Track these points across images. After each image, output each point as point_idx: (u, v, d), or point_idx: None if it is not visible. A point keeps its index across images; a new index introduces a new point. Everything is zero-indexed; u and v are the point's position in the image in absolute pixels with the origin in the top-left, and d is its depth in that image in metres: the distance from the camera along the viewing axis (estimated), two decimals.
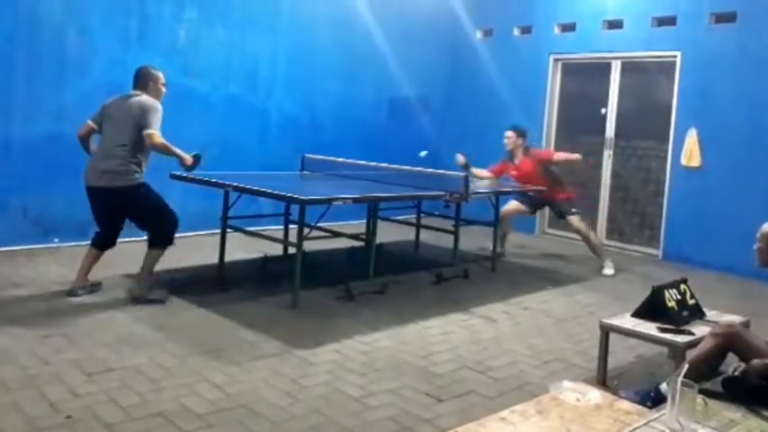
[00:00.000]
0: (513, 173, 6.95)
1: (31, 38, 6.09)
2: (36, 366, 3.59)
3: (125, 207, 4.82)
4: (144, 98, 4.77)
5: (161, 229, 4.88)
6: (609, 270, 6.70)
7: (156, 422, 3.06)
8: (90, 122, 4.95)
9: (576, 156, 6.94)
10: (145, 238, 5.02)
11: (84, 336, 4.08)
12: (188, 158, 4.88)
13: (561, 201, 6.87)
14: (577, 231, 6.83)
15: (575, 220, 6.79)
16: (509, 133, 6.91)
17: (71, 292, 4.83)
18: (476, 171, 6.96)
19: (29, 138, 6.14)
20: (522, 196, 7.03)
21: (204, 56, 7.26)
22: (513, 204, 7.10)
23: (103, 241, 4.96)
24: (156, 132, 4.67)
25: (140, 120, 4.66)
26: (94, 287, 4.96)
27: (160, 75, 4.94)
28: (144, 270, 4.87)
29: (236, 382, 3.55)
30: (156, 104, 4.76)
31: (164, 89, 4.97)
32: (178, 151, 4.82)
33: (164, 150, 4.74)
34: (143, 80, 4.90)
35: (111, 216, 4.88)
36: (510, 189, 6.85)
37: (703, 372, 3.06)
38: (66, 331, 4.14)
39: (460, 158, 6.93)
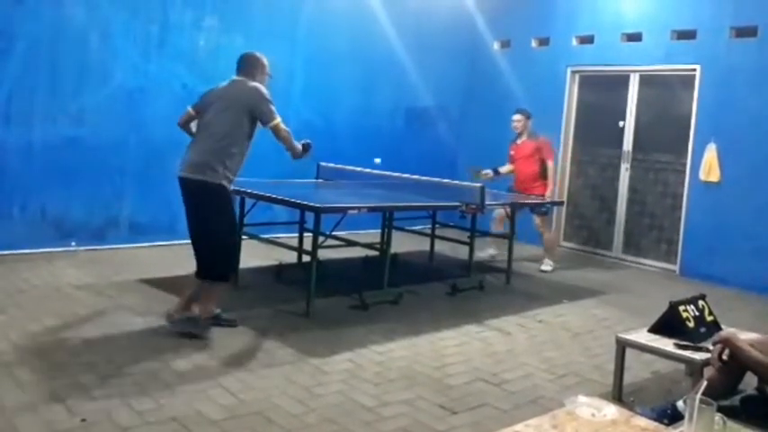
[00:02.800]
0: (512, 152, 7.22)
1: (53, 43, 6.16)
2: (52, 369, 3.61)
3: (201, 205, 4.28)
4: (256, 85, 4.35)
5: (218, 252, 4.28)
6: (546, 267, 7.09)
7: (171, 427, 3.07)
8: (190, 109, 4.50)
9: (551, 185, 7.12)
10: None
11: (100, 339, 4.10)
12: (299, 148, 4.58)
13: (535, 195, 6.98)
14: (536, 226, 7.12)
15: (537, 218, 7.06)
16: (518, 116, 7.23)
17: (170, 319, 4.34)
18: (501, 170, 7.25)
19: (49, 141, 6.21)
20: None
21: (223, 63, 7.28)
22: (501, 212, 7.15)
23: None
24: (280, 122, 4.35)
25: (255, 109, 4.27)
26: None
27: (267, 62, 4.57)
28: (203, 311, 4.34)
29: (250, 389, 3.55)
30: (269, 94, 4.37)
31: (268, 78, 4.61)
32: (296, 143, 4.52)
33: (288, 142, 4.42)
34: (250, 66, 4.46)
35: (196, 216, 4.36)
36: (524, 201, 6.81)
37: (722, 390, 3.02)
38: (82, 334, 4.17)
39: (482, 172, 7.10)
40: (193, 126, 4.51)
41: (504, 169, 7.31)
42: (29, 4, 6.00)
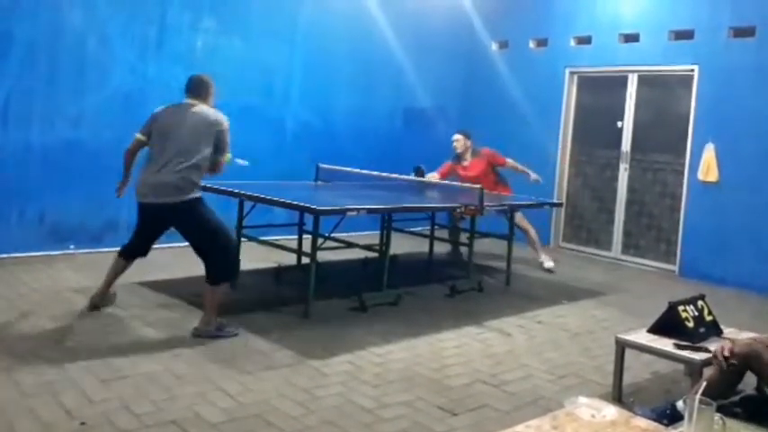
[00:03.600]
0: (461, 173, 7.13)
1: (51, 45, 6.16)
2: (52, 372, 3.61)
3: (181, 223, 4.41)
4: (217, 113, 4.47)
5: (221, 253, 4.38)
6: (549, 263, 7.08)
7: (170, 430, 3.07)
8: (139, 136, 4.54)
9: (524, 169, 7.11)
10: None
11: (98, 342, 4.10)
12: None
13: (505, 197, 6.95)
14: (517, 225, 6.93)
15: (517, 216, 6.93)
16: (458, 136, 7.19)
17: (93, 306, 4.65)
18: (428, 176, 7.01)
19: (47, 145, 6.21)
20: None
21: (221, 65, 7.31)
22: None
23: (134, 252, 4.70)
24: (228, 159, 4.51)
25: (218, 140, 4.40)
26: (112, 297, 4.84)
27: (213, 83, 4.67)
28: (208, 312, 4.39)
29: (250, 392, 3.55)
30: (228, 124, 4.49)
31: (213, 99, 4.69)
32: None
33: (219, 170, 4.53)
34: (202, 88, 4.54)
35: (157, 232, 4.62)
36: (526, 203, 6.81)
37: (721, 390, 3.02)
38: (81, 337, 4.16)
39: (420, 173, 6.90)
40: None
41: (430, 176, 7.00)
42: (26, 7, 6.00)
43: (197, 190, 4.40)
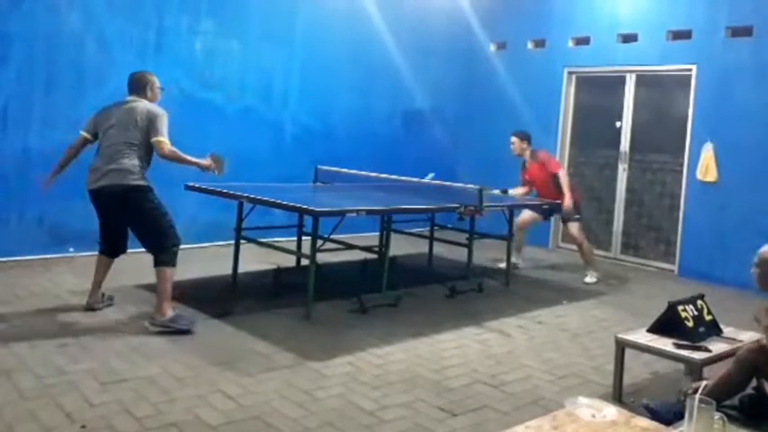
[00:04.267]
0: (526, 177, 7.06)
1: (49, 49, 6.17)
2: (52, 376, 3.61)
3: (130, 209, 4.54)
4: (149, 104, 4.63)
5: (163, 239, 4.49)
6: (591, 279, 6.80)
7: None
8: (84, 134, 4.79)
9: (565, 190, 6.66)
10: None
11: (99, 345, 4.10)
12: (204, 162, 4.71)
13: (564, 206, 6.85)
14: (573, 238, 6.90)
15: (574, 227, 6.81)
16: (513, 139, 7.03)
17: (89, 307, 4.74)
18: (512, 192, 7.05)
19: (46, 148, 6.18)
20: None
21: (220, 68, 7.33)
22: (526, 214, 7.13)
23: (112, 249, 4.80)
24: (165, 140, 4.52)
25: (148, 127, 4.51)
26: (109, 300, 4.91)
27: (155, 78, 4.82)
28: (161, 298, 4.45)
29: (250, 394, 3.55)
30: (163, 111, 4.60)
31: (160, 93, 4.86)
32: (191, 159, 4.63)
33: (175, 159, 4.54)
34: (140, 84, 4.73)
35: (116, 221, 4.69)
36: (522, 203, 6.83)
37: (727, 394, 3.01)
38: (82, 341, 4.16)
39: (502, 191, 6.97)
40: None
41: (515, 191, 7.06)
42: (25, 10, 6.00)
43: (145, 177, 4.55)
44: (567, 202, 6.63)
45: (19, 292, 5.14)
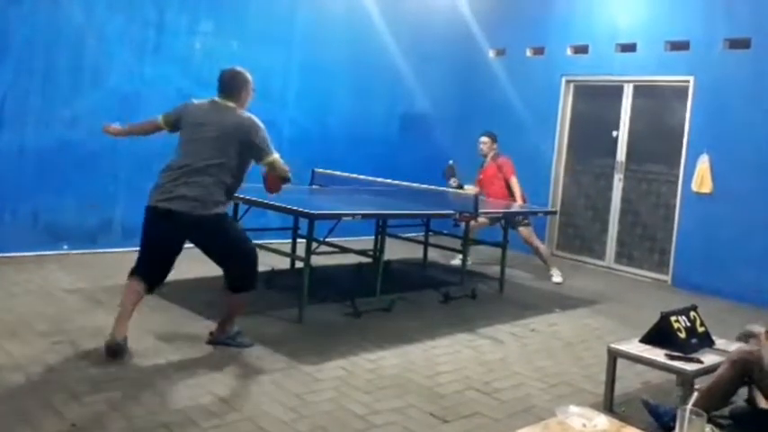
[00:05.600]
0: (480, 176, 7.23)
1: (48, 46, 6.15)
2: (43, 373, 3.59)
3: (202, 238, 4.05)
4: (247, 116, 4.06)
5: (244, 267, 4.11)
6: (557, 278, 7.01)
7: None
8: (161, 119, 4.24)
9: (520, 200, 7.04)
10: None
11: (91, 343, 4.07)
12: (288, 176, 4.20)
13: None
14: (525, 241, 7.06)
15: (524, 230, 7.00)
16: (484, 138, 7.28)
17: (115, 349, 3.86)
18: (467, 188, 7.10)
19: (42, 145, 6.19)
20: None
21: (218, 68, 7.24)
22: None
23: (152, 278, 4.07)
24: (278, 157, 4.05)
25: (251, 145, 3.98)
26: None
27: (250, 77, 4.23)
28: (227, 321, 4.25)
29: (241, 396, 3.54)
30: (261, 124, 4.06)
31: (253, 94, 4.29)
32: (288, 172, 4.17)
33: (285, 174, 4.09)
34: (235, 85, 4.11)
35: (175, 250, 4.09)
36: (518, 210, 6.83)
37: (718, 399, 3.01)
38: (74, 338, 4.14)
39: (453, 182, 7.03)
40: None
41: (469, 188, 7.11)
42: (24, 7, 5.99)
43: (222, 204, 4.03)
44: (520, 203, 7.00)
45: (12, 288, 5.12)
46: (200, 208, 3.90)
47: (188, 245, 4.13)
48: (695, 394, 2.72)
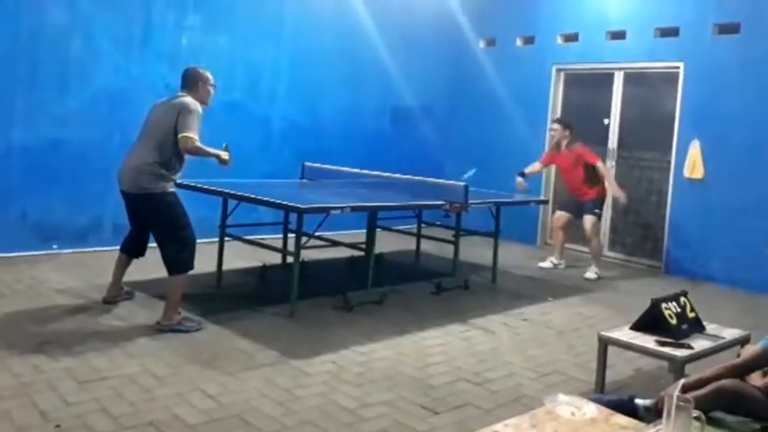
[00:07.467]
0: (558, 161, 7.30)
1: (34, 44, 6.10)
2: (29, 374, 3.57)
3: (147, 214, 4.56)
4: (185, 99, 4.50)
5: (178, 249, 4.45)
6: (591, 274, 6.88)
7: None
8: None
9: (616, 188, 6.98)
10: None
11: (78, 343, 4.05)
12: (224, 154, 4.64)
13: (586, 200, 6.96)
14: (585, 231, 7.00)
15: (589, 220, 6.93)
16: (555, 126, 7.22)
17: (105, 300, 4.85)
18: (528, 170, 7.21)
19: (30, 144, 6.15)
20: (568, 203, 7.28)
21: (206, 63, 7.20)
22: (558, 215, 7.33)
23: (131, 244, 4.84)
24: (190, 135, 4.36)
25: (175, 122, 4.38)
26: (129, 295, 5.00)
27: (209, 75, 4.72)
28: (169, 304, 4.45)
29: (230, 392, 3.51)
30: (195, 106, 4.47)
31: (213, 90, 4.76)
32: (213, 151, 4.56)
33: (198, 154, 4.47)
34: (191, 81, 4.65)
35: (138, 220, 4.71)
36: (510, 200, 6.80)
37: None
38: (62, 338, 4.11)
39: (522, 184, 7.09)
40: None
41: (531, 169, 7.26)
42: (8, 4, 5.93)
43: (162, 181, 4.47)
44: (615, 190, 6.94)
45: (1, 289, 5.09)
46: (138, 180, 4.45)
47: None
48: (681, 382, 2.69)
